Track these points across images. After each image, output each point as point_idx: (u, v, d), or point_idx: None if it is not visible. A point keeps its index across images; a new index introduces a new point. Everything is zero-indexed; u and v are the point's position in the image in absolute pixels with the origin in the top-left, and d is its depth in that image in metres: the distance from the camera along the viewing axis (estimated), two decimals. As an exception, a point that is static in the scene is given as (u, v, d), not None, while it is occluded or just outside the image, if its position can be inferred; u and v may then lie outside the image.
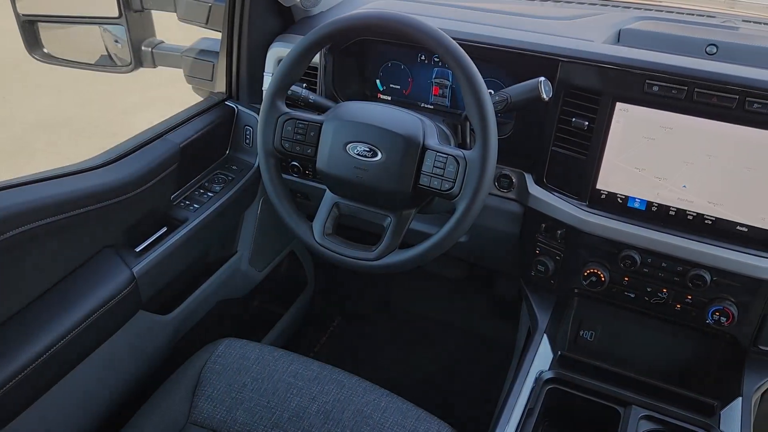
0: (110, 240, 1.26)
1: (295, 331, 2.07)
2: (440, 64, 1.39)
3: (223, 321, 1.72)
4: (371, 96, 1.49)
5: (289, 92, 1.23)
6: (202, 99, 1.59)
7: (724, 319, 1.18)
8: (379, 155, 1.11)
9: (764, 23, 1.51)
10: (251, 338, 1.36)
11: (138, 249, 1.30)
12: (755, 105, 1.06)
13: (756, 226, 1.13)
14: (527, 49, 1.24)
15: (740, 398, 1.16)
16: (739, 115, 1.08)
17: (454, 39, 1.07)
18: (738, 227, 1.15)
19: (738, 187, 1.12)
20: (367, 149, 1.12)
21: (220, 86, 1.58)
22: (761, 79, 1.08)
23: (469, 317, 2.17)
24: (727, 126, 1.10)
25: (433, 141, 1.11)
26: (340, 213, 1.20)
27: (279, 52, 1.49)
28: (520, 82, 1.15)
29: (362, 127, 1.12)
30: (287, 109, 1.19)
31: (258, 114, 1.21)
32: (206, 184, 1.49)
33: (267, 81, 1.52)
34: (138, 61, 1.61)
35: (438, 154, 1.09)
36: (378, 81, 1.47)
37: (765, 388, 1.27)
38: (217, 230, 1.51)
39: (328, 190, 1.21)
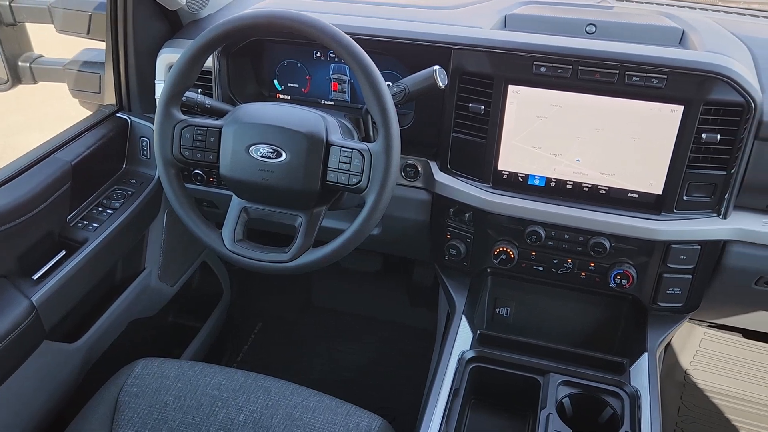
0: (3, 270, 1.18)
1: (216, 342, 2.02)
2: (337, 59, 1.39)
3: (138, 342, 1.65)
4: (270, 97, 1.47)
5: (184, 98, 1.19)
6: (91, 113, 1.52)
7: (625, 281, 1.26)
8: (284, 155, 1.10)
9: (636, 1, 1.61)
10: (169, 356, 1.31)
11: (35, 276, 1.22)
12: (634, 78, 1.13)
13: (645, 191, 1.21)
14: (420, 39, 1.26)
15: (646, 354, 1.24)
16: (621, 88, 1.14)
17: (347, 34, 1.07)
18: (629, 194, 1.22)
19: (626, 156, 1.19)
20: (271, 150, 1.10)
21: (110, 98, 1.51)
22: (638, 53, 1.15)
23: (390, 308, 2.19)
24: (611, 100, 1.16)
25: (336, 136, 1.11)
26: (249, 217, 1.18)
27: (169, 58, 1.44)
28: (416, 72, 1.17)
29: (263, 128, 1.11)
30: (183, 116, 1.15)
31: (153, 124, 1.16)
32: (104, 202, 1.42)
33: (159, 89, 1.47)
34: (15, 77, 1.51)
35: (342, 149, 1.09)
36: (275, 81, 1.45)
37: (667, 342, 1.36)
38: (122, 248, 1.44)
39: (234, 195, 1.18)
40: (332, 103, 1.43)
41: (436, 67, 1.15)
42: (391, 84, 1.15)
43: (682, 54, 1.15)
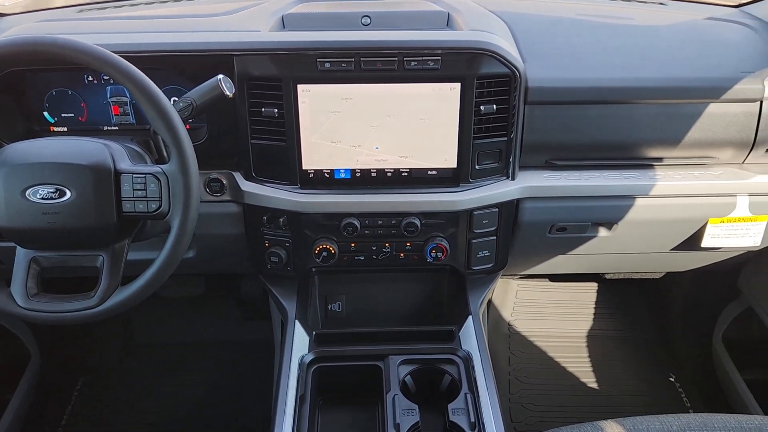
0: None
1: (32, 411, 1.80)
2: (112, 81, 1.29)
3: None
4: (42, 131, 1.32)
5: (-69, 149, 1.03)
6: None
7: (440, 254, 1.33)
8: (69, 194, 1.00)
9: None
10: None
11: None
12: (412, 63, 1.19)
13: (442, 167, 1.28)
14: (198, 49, 1.21)
15: (470, 317, 1.33)
16: (402, 74, 1.20)
17: (117, 53, 1.00)
18: (429, 172, 1.29)
19: (419, 137, 1.25)
20: (53, 190, 1.00)
21: None
22: (412, 39, 1.21)
23: (223, 328, 2.12)
24: (396, 86, 1.21)
25: (125, 164, 1.04)
26: (41, 267, 1.06)
27: None
28: (201, 84, 1.13)
29: (39, 167, 1.00)
30: None
31: None
32: None
33: None
34: None
35: (135, 175, 1.02)
36: (46, 113, 1.31)
37: (487, 301, 1.47)
38: None
39: (18, 246, 1.06)
40: (116, 128, 1.33)
41: (220, 75, 1.12)
42: (176, 99, 1.10)
43: (451, 35, 1.24)
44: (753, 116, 1.30)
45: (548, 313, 2.17)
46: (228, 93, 1.11)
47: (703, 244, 1.42)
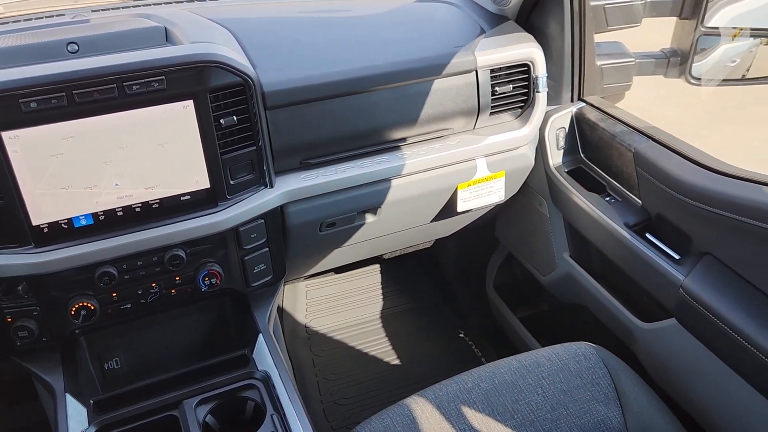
0: None
1: None
2: None
3: None
4: None
5: None
6: None
7: (215, 279, 1.26)
8: None
9: (112, 8, 1.56)
10: None
11: None
12: (134, 87, 1.09)
13: (195, 189, 1.20)
14: None
15: (261, 334, 1.28)
16: (126, 101, 1.09)
17: None
18: (182, 198, 1.20)
19: (162, 164, 1.16)
20: None
21: None
22: (128, 62, 1.10)
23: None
24: (123, 114, 1.10)
25: None
26: None
27: None
28: None
29: None
30: None
31: None
32: None
33: None
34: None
35: None
36: None
37: (275, 312, 1.43)
38: None
39: None
40: None
41: None
42: None
43: (172, 51, 1.16)
44: (472, 86, 1.42)
45: (340, 305, 2.21)
46: None
47: (459, 209, 1.54)
